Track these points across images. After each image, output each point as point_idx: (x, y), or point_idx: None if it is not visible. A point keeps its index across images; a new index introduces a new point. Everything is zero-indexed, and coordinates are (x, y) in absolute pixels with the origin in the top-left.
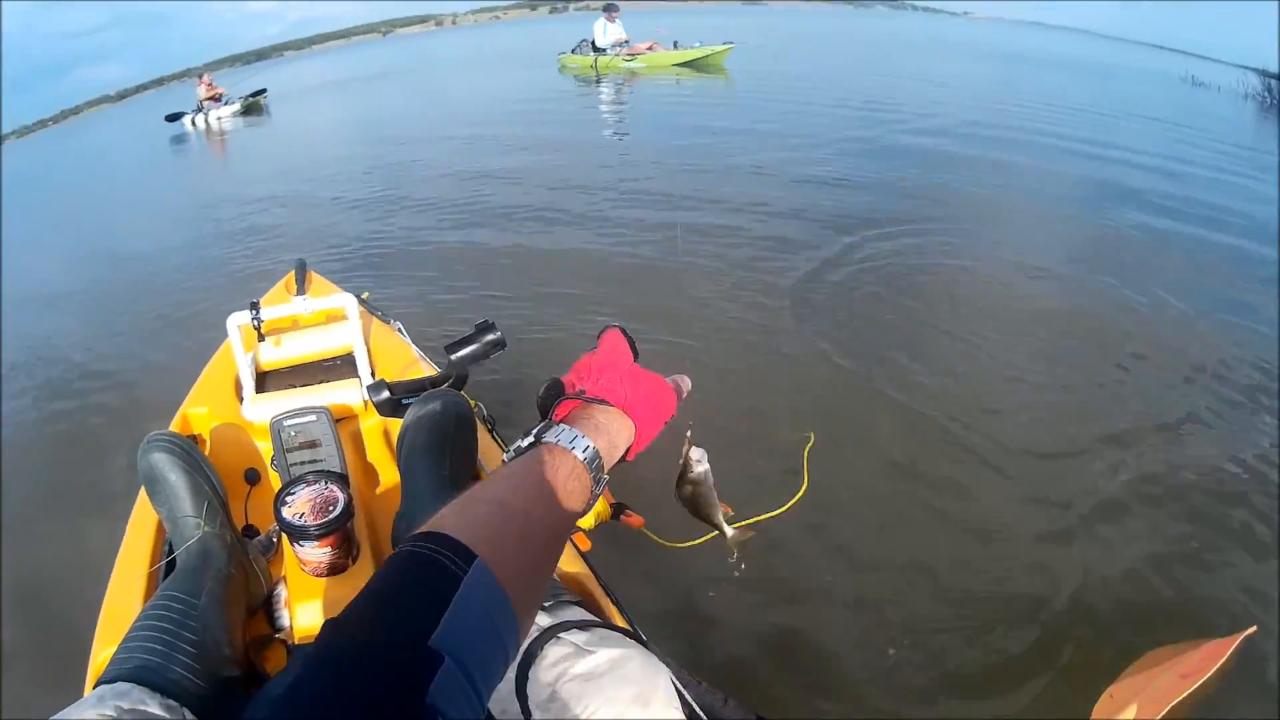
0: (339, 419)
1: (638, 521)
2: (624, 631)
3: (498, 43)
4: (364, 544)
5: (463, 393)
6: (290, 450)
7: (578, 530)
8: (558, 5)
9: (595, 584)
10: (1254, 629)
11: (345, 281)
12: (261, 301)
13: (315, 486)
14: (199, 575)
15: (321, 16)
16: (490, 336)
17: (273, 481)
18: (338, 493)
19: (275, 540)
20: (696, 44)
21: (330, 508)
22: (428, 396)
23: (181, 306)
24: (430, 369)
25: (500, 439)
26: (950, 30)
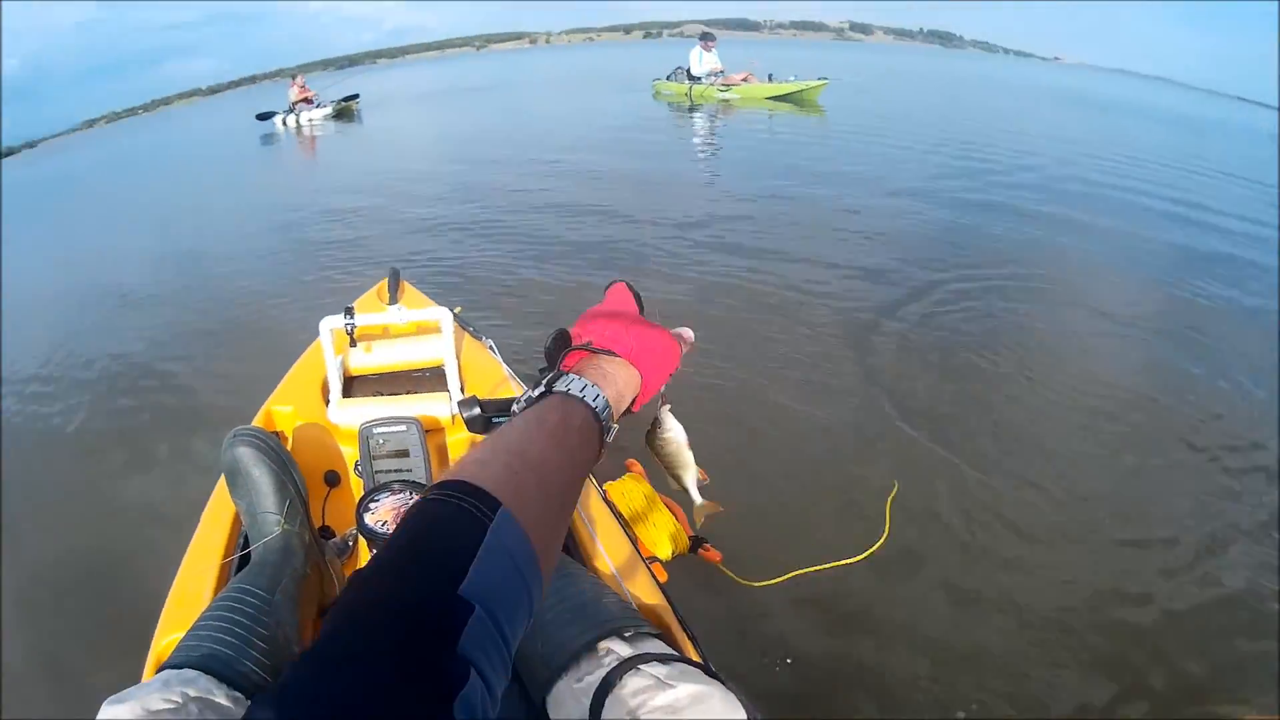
0: (425, 431)
1: (716, 556)
2: (702, 668)
3: (592, 64)
4: None
5: None
6: (377, 457)
7: (655, 561)
8: (651, 30)
9: (673, 617)
10: None
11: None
12: (354, 306)
13: (399, 495)
14: (276, 572)
15: (417, 26)
16: None
17: (353, 486)
18: None
19: (352, 544)
20: (791, 77)
21: None
22: None
23: (257, 313)
24: (520, 390)
25: None
26: (1040, 75)
